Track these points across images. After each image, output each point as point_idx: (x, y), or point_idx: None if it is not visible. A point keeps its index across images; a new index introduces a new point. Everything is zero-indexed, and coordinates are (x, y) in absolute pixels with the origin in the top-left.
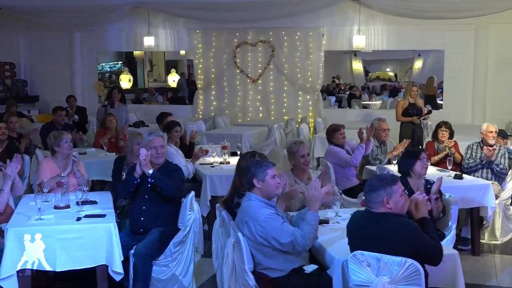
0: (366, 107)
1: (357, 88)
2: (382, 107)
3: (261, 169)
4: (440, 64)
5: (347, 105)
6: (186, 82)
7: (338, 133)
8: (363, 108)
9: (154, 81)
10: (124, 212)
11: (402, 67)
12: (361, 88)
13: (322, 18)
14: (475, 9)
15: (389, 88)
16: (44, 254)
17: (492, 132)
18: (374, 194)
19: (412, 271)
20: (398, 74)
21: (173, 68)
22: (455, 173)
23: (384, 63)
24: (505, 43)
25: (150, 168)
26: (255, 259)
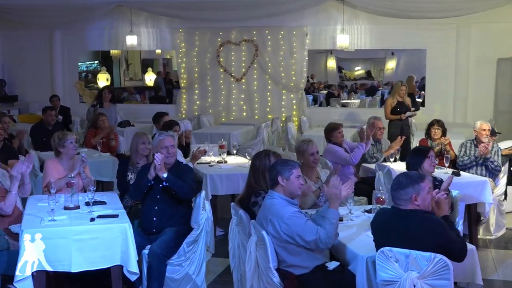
0: (345, 105)
1: (335, 87)
2: (361, 106)
3: (287, 168)
4: (414, 63)
5: (325, 104)
6: (163, 81)
7: (337, 132)
8: (343, 107)
9: (130, 79)
10: (132, 213)
11: (376, 66)
12: (339, 87)
13: (306, 17)
14: (457, 9)
15: (365, 87)
16: (59, 255)
17: (485, 130)
18: (402, 191)
19: (441, 266)
20: (372, 72)
21: (149, 67)
22: (452, 170)
23: (358, 62)
24: (486, 42)
25: (165, 172)
26: (279, 256)
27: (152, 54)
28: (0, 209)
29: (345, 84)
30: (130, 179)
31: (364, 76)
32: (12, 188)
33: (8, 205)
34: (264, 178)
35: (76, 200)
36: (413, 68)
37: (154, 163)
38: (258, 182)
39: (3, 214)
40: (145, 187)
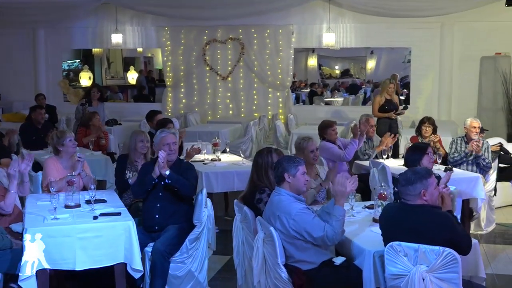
0: (328, 104)
1: (318, 85)
2: (344, 104)
3: (294, 165)
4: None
5: (308, 102)
6: (146, 79)
7: (331, 129)
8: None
9: (111, 78)
10: (132, 210)
11: (355, 64)
12: (322, 85)
13: (292, 16)
14: (441, 7)
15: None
16: (63, 253)
17: (475, 127)
18: (411, 187)
19: (450, 259)
20: (352, 71)
21: (131, 65)
22: (445, 167)
23: (337, 60)
24: (469, 41)
25: (167, 169)
26: (287, 252)
27: (134, 52)
28: (1, 208)
29: (327, 83)
30: (128, 177)
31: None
32: (11, 187)
33: (8, 204)
34: (267, 175)
35: (77, 199)
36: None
37: (158, 161)
38: (261, 179)
39: (3, 213)
40: (149, 185)
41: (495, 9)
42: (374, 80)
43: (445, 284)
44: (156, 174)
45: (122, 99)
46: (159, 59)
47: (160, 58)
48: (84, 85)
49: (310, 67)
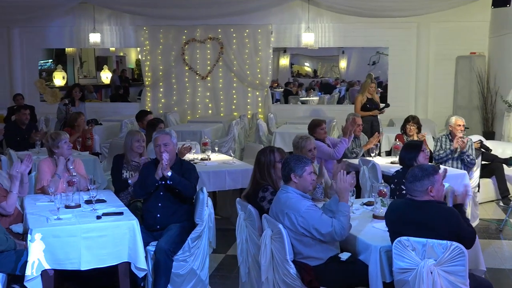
0: (304, 103)
1: (293, 85)
2: (320, 103)
3: (300, 165)
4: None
5: (283, 101)
6: (119, 78)
7: (319, 128)
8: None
9: (84, 77)
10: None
11: (324, 64)
12: (298, 84)
13: (271, 15)
14: (417, 8)
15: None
16: (69, 253)
17: (460, 125)
18: (418, 183)
19: (458, 253)
20: (318, 70)
21: (104, 64)
22: (432, 164)
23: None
24: (445, 41)
25: (170, 171)
26: (295, 249)
27: (106, 51)
28: (3, 208)
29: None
30: (125, 176)
31: (312, 74)
32: (13, 188)
33: (10, 204)
34: (269, 173)
35: (76, 199)
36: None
37: (161, 162)
38: (264, 177)
39: (5, 214)
40: (152, 186)
41: (469, 10)
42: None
43: (452, 277)
44: (158, 176)
45: (97, 98)
46: (132, 58)
47: (132, 57)
48: (58, 85)
49: (281, 67)
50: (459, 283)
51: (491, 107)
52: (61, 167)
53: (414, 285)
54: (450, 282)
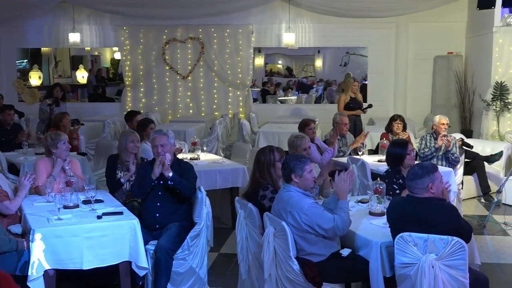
0: (282, 102)
1: (270, 84)
2: (298, 102)
3: (300, 166)
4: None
5: (261, 100)
6: (95, 78)
7: (308, 128)
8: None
9: (59, 77)
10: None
11: (297, 63)
12: (275, 84)
13: (252, 15)
14: (396, 8)
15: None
16: (71, 253)
17: (444, 124)
18: (419, 181)
19: (458, 247)
20: (294, 69)
21: (79, 64)
22: (417, 162)
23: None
24: (423, 41)
25: (171, 171)
26: (298, 245)
27: (82, 51)
28: (6, 207)
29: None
30: (119, 177)
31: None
32: (21, 193)
33: (15, 205)
34: (269, 172)
35: (74, 199)
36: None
37: (157, 162)
38: (264, 176)
39: (6, 213)
40: (149, 186)
41: (447, 11)
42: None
43: (453, 270)
44: (155, 175)
45: (73, 98)
46: (107, 57)
47: (107, 56)
48: (34, 85)
49: (256, 67)
50: (460, 276)
51: (469, 105)
52: (58, 168)
53: (416, 279)
54: (451, 276)
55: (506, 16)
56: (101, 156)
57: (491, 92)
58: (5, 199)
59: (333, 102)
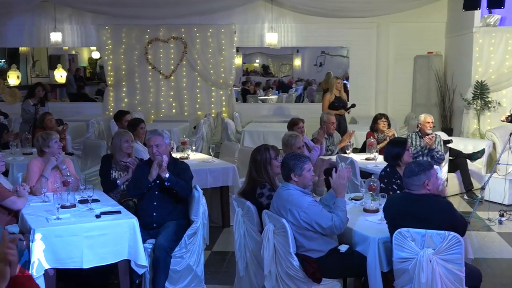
0: (263, 102)
1: (250, 84)
2: (278, 101)
3: (299, 165)
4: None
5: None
6: (74, 77)
7: (297, 127)
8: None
9: (36, 76)
10: None
11: (274, 62)
12: (255, 83)
13: (234, 15)
14: (377, 9)
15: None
16: (71, 252)
17: (429, 122)
18: (415, 178)
19: (455, 242)
20: (271, 68)
21: (57, 63)
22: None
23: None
24: (403, 41)
25: (167, 173)
26: (298, 242)
27: (59, 50)
28: (14, 202)
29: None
30: (114, 177)
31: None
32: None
33: (20, 202)
34: (266, 170)
35: (71, 199)
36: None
37: (154, 164)
38: (261, 174)
39: (15, 208)
40: (145, 188)
41: (427, 11)
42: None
43: (450, 264)
44: (152, 177)
45: (53, 98)
46: (84, 57)
47: (85, 55)
48: (13, 85)
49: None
50: (456, 270)
51: (449, 104)
52: (49, 168)
53: (414, 273)
54: (447, 270)
55: (486, 17)
56: (89, 156)
57: (472, 91)
58: (11, 194)
59: (313, 101)
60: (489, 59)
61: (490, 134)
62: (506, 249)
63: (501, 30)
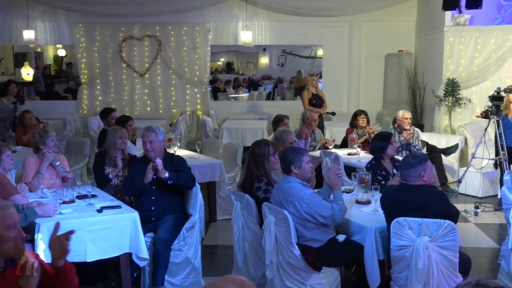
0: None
1: (220, 82)
2: (250, 99)
3: (298, 157)
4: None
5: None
6: (42, 75)
7: (282, 123)
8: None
9: (2, 74)
10: None
11: (238, 59)
12: (224, 82)
13: (209, 13)
14: (350, 8)
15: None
16: (75, 246)
17: (407, 118)
18: (412, 169)
19: (450, 229)
20: (235, 66)
21: (24, 61)
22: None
23: (223, 55)
24: (374, 39)
25: (166, 172)
26: (299, 232)
27: (26, 47)
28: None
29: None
30: (108, 172)
31: (223, 68)
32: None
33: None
34: (263, 164)
35: (70, 195)
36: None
37: (148, 168)
38: (259, 169)
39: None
40: (140, 189)
41: (397, 10)
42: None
43: (445, 251)
44: (147, 180)
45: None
46: (50, 54)
47: (50, 53)
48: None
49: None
50: (451, 256)
51: (420, 101)
52: (45, 165)
53: (411, 260)
54: (443, 256)
55: (456, 16)
56: (72, 154)
57: (443, 88)
58: (17, 191)
59: (284, 98)
60: (459, 57)
61: (461, 130)
62: (484, 239)
63: (471, 30)
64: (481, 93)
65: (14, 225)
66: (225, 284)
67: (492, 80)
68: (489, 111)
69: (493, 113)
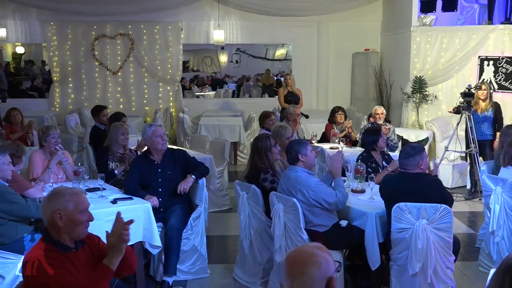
0: (199, 97)
1: (186, 80)
2: (217, 96)
3: (303, 146)
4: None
5: None
6: (5, 73)
7: (269, 119)
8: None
9: None
10: None
11: (196, 58)
12: (189, 80)
13: (181, 13)
14: (317, 8)
15: (209, 80)
16: None
17: (378, 114)
18: (411, 159)
19: (446, 213)
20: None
21: None
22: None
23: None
24: (342, 38)
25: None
26: (306, 218)
27: None
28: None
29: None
30: (111, 167)
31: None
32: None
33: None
34: (267, 156)
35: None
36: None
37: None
38: (263, 161)
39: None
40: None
41: (364, 11)
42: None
43: (441, 232)
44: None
45: None
46: (8, 52)
47: (9, 50)
48: None
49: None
50: (446, 236)
51: (387, 98)
52: (55, 162)
53: (411, 241)
54: (439, 237)
55: (422, 17)
56: None
57: (411, 85)
58: (31, 186)
59: (251, 96)
60: (426, 56)
61: (429, 125)
62: (459, 225)
63: (436, 30)
64: (446, 90)
65: (86, 210)
66: (311, 249)
67: (457, 78)
68: (461, 107)
69: (464, 109)
